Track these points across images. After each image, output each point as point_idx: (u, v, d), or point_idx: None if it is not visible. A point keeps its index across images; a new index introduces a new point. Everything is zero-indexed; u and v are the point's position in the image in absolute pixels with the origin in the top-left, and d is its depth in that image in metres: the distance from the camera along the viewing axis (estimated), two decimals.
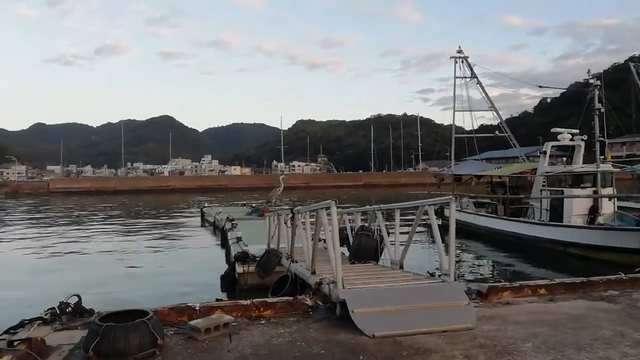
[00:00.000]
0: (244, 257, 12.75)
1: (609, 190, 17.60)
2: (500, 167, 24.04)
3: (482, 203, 23.76)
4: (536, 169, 20.84)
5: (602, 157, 18.26)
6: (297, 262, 9.28)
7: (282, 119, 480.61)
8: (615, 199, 16.71)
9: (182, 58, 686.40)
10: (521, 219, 19.72)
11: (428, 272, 6.95)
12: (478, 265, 16.78)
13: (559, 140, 19.84)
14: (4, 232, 27.28)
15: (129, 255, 18.61)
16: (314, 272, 7.50)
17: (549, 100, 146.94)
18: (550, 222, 17.77)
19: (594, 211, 17.24)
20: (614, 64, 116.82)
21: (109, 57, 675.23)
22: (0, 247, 21.49)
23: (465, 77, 28.09)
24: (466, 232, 23.17)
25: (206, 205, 33.79)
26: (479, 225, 22.30)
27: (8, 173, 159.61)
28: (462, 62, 28.17)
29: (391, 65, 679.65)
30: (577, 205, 17.34)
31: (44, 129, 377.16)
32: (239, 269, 12.31)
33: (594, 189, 17.56)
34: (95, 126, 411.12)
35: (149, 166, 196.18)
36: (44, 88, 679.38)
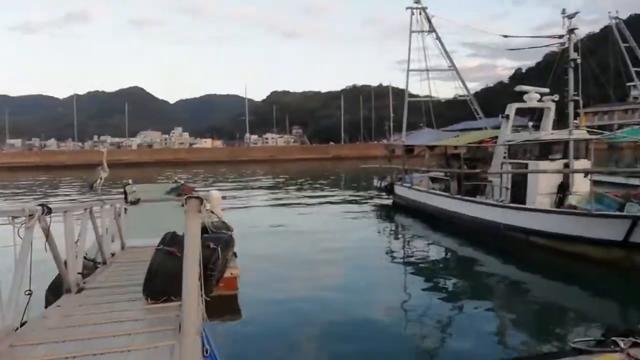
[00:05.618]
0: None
1: (583, 163, 14.08)
2: (457, 137, 20.35)
3: (437, 179, 20.15)
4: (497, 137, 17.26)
5: (576, 121, 14.61)
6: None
7: (257, 90, 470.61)
8: (591, 174, 13.05)
9: (155, 25, 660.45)
10: (477, 198, 16.15)
11: None
12: (418, 268, 13.04)
13: (525, 102, 16.24)
14: None
15: None
16: None
17: (524, 70, 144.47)
18: (511, 204, 14.24)
19: (563, 189, 13.73)
20: (589, 33, 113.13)
21: (77, 24, 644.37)
22: None
23: (423, 31, 23.99)
24: (416, 213, 19.77)
25: (130, 182, 29.40)
26: (431, 205, 18.76)
27: None
28: (420, 13, 24.04)
29: (372, 35, 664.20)
30: (543, 182, 13.82)
31: (7, 101, 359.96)
32: None
33: (565, 161, 14.04)
34: (61, 98, 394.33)
35: (117, 139, 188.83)
36: (7, 58, 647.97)
